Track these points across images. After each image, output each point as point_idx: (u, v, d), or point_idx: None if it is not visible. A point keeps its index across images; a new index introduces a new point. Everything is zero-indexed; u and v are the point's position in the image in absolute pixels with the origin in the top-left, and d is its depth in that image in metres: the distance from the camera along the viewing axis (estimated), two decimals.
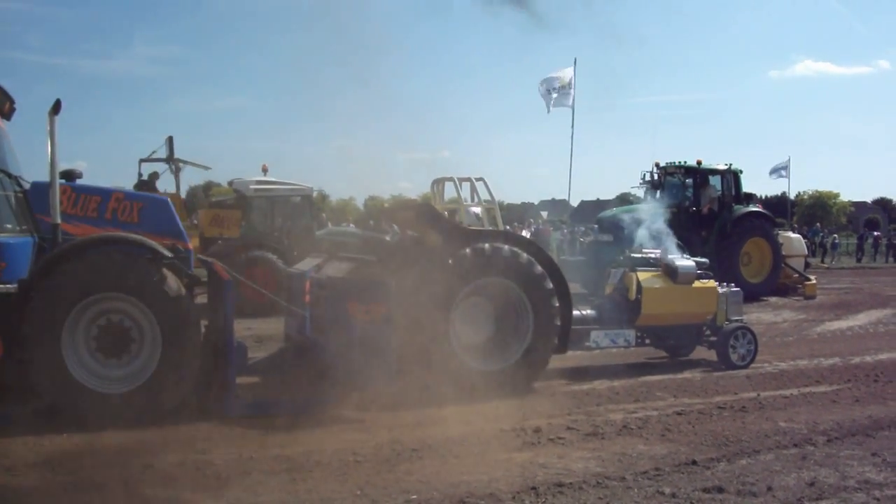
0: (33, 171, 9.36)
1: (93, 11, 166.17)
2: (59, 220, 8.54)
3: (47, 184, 8.52)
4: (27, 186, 8.98)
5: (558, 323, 10.30)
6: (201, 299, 9.78)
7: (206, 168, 24.52)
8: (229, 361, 8.61)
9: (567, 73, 33.31)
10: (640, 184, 26.31)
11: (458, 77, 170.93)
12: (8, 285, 8.16)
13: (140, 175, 21.87)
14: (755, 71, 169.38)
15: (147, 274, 8.35)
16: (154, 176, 22.08)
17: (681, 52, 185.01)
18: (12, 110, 9.50)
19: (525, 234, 28.33)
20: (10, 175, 8.86)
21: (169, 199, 9.96)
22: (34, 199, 8.85)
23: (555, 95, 32.80)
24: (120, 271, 8.28)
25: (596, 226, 24.42)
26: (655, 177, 24.53)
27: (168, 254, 8.68)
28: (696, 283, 12.04)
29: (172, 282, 8.46)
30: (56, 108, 8.50)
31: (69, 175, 9.23)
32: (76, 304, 8.15)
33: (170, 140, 22.52)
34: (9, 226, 8.58)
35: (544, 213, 69.14)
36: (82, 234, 8.68)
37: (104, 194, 9.22)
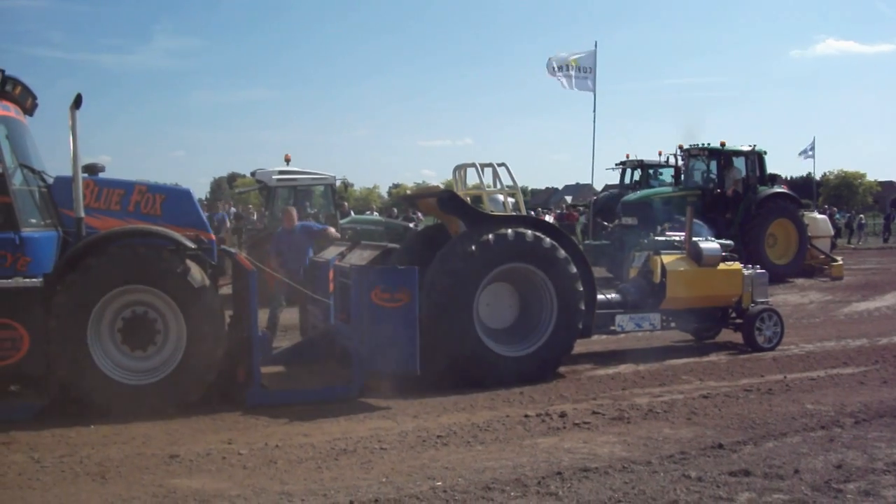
0: (56, 165, 9.45)
1: (113, 6, 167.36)
2: (82, 214, 8.61)
3: (70, 178, 8.59)
4: (50, 181, 9.04)
5: (583, 307, 10.25)
6: (225, 290, 9.83)
7: None
8: (253, 351, 8.67)
9: (586, 55, 33.04)
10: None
11: (479, 64, 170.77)
12: (33, 279, 8.24)
13: None
14: (777, 51, 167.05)
15: (171, 266, 8.40)
16: None
17: (702, 35, 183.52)
18: (34, 106, 9.58)
19: (549, 219, 28.15)
20: (33, 170, 8.93)
21: (191, 190, 9.99)
22: (57, 193, 8.90)
23: (571, 75, 32.50)
24: (144, 264, 8.34)
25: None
26: (680, 160, 24.36)
27: (191, 245, 8.72)
28: (721, 266, 11.96)
29: (196, 273, 8.50)
30: (77, 102, 8.56)
31: (92, 169, 9.28)
32: (101, 296, 8.22)
33: None
34: (33, 220, 8.65)
35: (568, 198, 68.89)
36: (106, 228, 8.73)
37: (127, 187, 9.25)
